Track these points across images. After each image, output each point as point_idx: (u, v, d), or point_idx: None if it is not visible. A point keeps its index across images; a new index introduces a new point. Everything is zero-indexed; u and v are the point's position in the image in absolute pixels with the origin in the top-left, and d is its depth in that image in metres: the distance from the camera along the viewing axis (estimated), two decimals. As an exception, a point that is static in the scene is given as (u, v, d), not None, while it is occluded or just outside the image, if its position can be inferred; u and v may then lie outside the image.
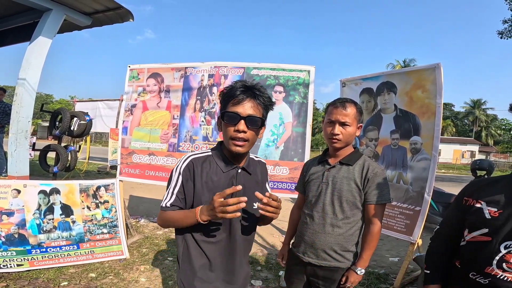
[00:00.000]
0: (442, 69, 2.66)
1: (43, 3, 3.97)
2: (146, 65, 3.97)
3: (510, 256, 1.12)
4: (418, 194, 2.81)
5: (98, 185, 3.65)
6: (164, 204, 1.30)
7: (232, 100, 1.25)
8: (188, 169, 1.29)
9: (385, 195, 1.63)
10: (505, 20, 13.35)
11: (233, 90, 1.25)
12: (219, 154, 1.34)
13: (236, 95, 1.24)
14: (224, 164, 1.32)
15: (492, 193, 1.22)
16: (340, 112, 1.62)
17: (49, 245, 3.20)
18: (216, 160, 1.33)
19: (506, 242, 1.13)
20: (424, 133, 2.80)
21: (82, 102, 12.47)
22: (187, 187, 1.29)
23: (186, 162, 1.31)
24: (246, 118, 1.23)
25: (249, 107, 1.24)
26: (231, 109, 1.24)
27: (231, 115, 1.23)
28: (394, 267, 3.75)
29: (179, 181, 1.29)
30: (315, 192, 1.72)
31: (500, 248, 1.14)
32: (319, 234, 1.67)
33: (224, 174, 1.31)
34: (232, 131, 1.24)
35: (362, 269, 1.63)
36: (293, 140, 3.44)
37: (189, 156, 1.34)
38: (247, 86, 1.27)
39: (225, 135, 1.27)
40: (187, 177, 1.29)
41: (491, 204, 1.20)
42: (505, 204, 1.17)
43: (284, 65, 3.54)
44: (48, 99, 46.10)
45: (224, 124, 1.26)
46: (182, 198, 1.29)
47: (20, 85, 4.04)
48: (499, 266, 1.13)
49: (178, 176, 1.29)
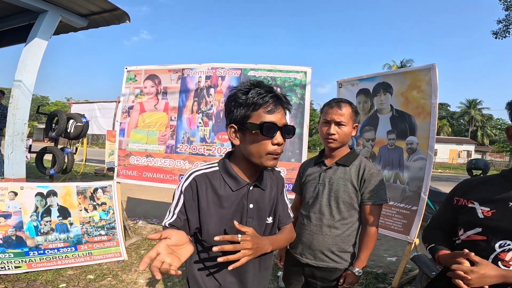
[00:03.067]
0: (437, 69, 2.69)
1: (38, 5, 3.96)
2: (143, 67, 3.97)
3: (505, 255, 1.13)
4: (414, 193, 2.83)
5: (95, 187, 3.65)
6: (164, 222, 1.16)
7: (264, 108, 1.07)
8: (190, 188, 1.13)
9: (381, 195, 1.64)
10: (499, 20, 13.49)
11: (261, 96, 1.07)
12: (227, 169, 1.17)
13: (269, 102, 1.07)
14: (233, 181, 1.16)
15: (484, 193, 1.23)
16: (335, 112, 1.63)
17: (46, 247, 3.20)
18: (224, 177, 1.16)
19: (501, 241, 1.15)
20: (420, 133, 2.83)
21: (78, 104, 12.41)
22: (190, 208, 1.13)
23: (189, 180, 1.15)
24: (282, 128, 1.09)
25: (282, 114, 1.11)
26: (267, 118, 1.06)
27: (270, 126, 1.06)
28: (392, 266, 3.78)
29: (181, 200, 1.14)
30: (312, 193, 1.73)
31: (495, 247, 1.15)
32: (316, 235, 1.68)
33: (234, 193, 1.15)
34: (269, 146, 1.08)
35: (360, 270, 1.64)
36: (290, 141, 3.45)
37: (192, 172, 1.17)
38: (269, 89, 1.11)
39: (259, 148, 1.08)
40: (190, 197, 1.13)
41: (484, 203, 1.21)
42: (498, 204, 1.18)
43: (281, 66, 3.56)
44: (44, 101, 45.84)
45: (259, 136, 1.07)
46: (184, 219, 1.13)
47: (16, 87, 4.03)
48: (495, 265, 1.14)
49: (180, 195, 1.15)
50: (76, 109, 11.27)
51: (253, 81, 1.12)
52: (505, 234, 1.14)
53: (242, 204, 1.16)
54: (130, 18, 4.49)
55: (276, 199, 1.28)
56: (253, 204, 1.18)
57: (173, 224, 1.12)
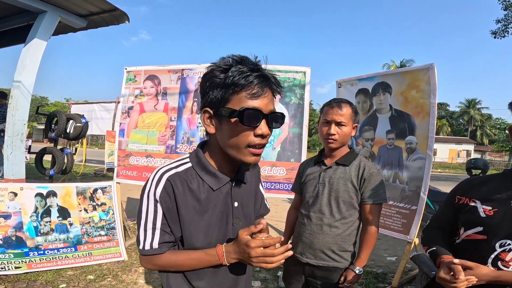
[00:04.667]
0: (436, 69, 2.69)
1: (37, 5, 3.96)
2: (142, 67, 3.97)
3: (506, 255, 1.12)
4: (414, 193, 2.84)
5: (95, 187, 3.65)
6: (148, 245, 0.93)
7: (248, 90, 0.85)
8: (166, 193, 0.91)
9: (381, 194, 1.65)
10: (498, 20, 13.51)
11: (244, 75, 0.85)
12: (204, 164, 0.97)
13: (253, 82, 0.85)
14: (213, 178, 0.96)
15: (486, 192, 1.22)
16: (335, 112, 1.64)
17: (46, 248, 3.20)
18: (200, 174, 0.96)
19: (501, 241, 1.14)
20: (419, 133, 2.84)
21: (78, 105, 12.42)
22: (171, 218, 0.93)
23: (162, 183, 0.92)
24: (268, 116, 0.89)
25: (269, 100, 0.90)
26: (249, 104, 0.85)
27: (253, 113, 0.85)
28: (392, 266, 3.78)
29: (159, 211, 0.92)
30: (312, 193, 1.74)
31: (496, 247, 1.15)
32: (316, 235, 1.68)
33: (215, 193, 0.97)
34: (251, 137, 0.88)
35: (360, 269, 1.64)
36: (290, 141, 3.46)
37: (163, 173, 0.94)
38: (257, 67, 0.88)
39: (238, 141, 0.89)
40: (168, 204, 0.92)
41: (486, 202, 1.20)
42: (500, 203, 1.17)
43: (280, 66, 3.56)
44: (43, 102, 45.80)
45: (240, 126, 0.87)
46: (169, 231, 0.95)
47: (16, 88, 4.03)
48: (494, 264, 1.14)
49: (156, 204, 0.92)
50: (75, 109, 11.27)
51: (236, 56, 0.89)
52: (506, 234, 1.13)
53: (227, 204, 0.99)
54: (129, 19, 4.49)
55: (256, 192, 1.16)
56: (238, 202, 1.02)
57: (163, 242, 0.94)
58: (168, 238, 0.94)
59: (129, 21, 4.51)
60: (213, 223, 0.97)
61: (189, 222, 0.94)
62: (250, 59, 0.90)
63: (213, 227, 0.97)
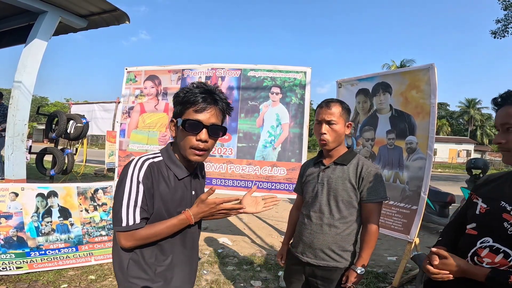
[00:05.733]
0: (436, 69, 2.70)
1: (38, 6, 3.97)
2: (143, 68, 3.98)
3: (481, 251, 1.19)
4: (414, 193, 2.84)
5: (95, 187, 3.65)
6: (131, 221, 1.12)
7: (193, 107, 1.16)
8: (147, 176, 1.14)
9: (381, 193, 1.65)
10: (498, 20, 13.49)
11: (194, 96, 1.15)
12: (172, 158, 1.24)
13: (198, 101, 1.15)
14: (178, 170, 1.23)
15: (488, 190, 1.25)
16: (324, 112, 1.66)
17: (47, 248, 3.20)
18: (170, 166, 1.22)
19: (484, 238, 1.19)
20: (419, 133, 2.84)
21: (78, 105, 12.43)
22: (149, 197, 1.15)
23: (144, 168, 1.15)
24: (209, 127, 1.17)
25: (211, 115, 1.18)
26: (193, 117, 1.15)
27: (194, 123, 1.15)
28: (393, 266, 3.79)
29: (140, 191, 1.13)
30: (311, 192, 1.75)
31: (477, 243, 1.20)
32: (317, 234, 1.69)
33: (179, 182, 1.23)
34: (193, 141, 1.16)
35: (362, 269, 1.64)
36: (290, 141, 3.47)
37: (144, 160, 1.19)
38: (208, 90, 1.19)
39: (184, 143, 1.18)
40: (148, 185, 1.14)
41: (485, 200, 1.24)
42: (493, 201, 1.20)
43: (281, 66, 3.57)
44: (43, 102, 45.76)
45: (184, 132, 1.17)
46: (147, 209, 1.14)
47: (16, 88, 4.04)
48: (472, 259, 1.20)
49: (138, 185, 1.12)
50: (76, 109, 11.28)
51: (197, 83, 1.22)
52: (489, 232, 1.18)
53: (186, 192, 1.25)
54: (129, 19, 4.50)
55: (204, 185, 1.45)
56: (195, 191, 1.29)
57: (143, 217, 1.13)
58: (146, 214, 1.14)
59: (129, 21, 4.52)
60: (177, 203, 1.22)
61: (159, 201, 1.17)
62: (207, 85, 1.22)
63: (176, 206, 1.21)
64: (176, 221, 1.17)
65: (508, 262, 1.13)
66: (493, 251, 1.17)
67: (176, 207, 1.21)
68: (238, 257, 3.86)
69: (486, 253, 1.18)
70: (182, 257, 1.27)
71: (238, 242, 4.47)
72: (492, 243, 1.18)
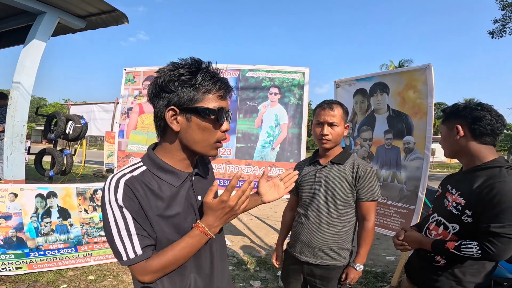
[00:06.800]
0: (432, 69, 2.72)
1: (36, 6, 3.96)
2: (141, 68, 3.99)
3: (431, 225, 1.53)
4: (412, 193, 2.86)
5: (95, 188, 3.66)
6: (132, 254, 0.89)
7: (218, 91, 0.94)
8: (128, 197, 0.88)
9: (376, 191, 1.69)
10: (496, 20, 13.57)
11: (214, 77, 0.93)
12: (159, 164, 0.97)
13: (222, 87, 0.95)
14: (171, 176, 0.97)
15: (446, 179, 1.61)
16: (327, 113, 1.69)
17: (47, 248, 3.21)
18: (158, 175, 0.95)
19: (433, 215, 1.55)
20: (416, 133, 2.86)
21: (77, 106, 12.42)
22: (142, 221, 0.90)
23: (121, 189, 0.89)
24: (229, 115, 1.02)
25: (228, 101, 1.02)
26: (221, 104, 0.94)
27: (225, 112, 0.96)
28: (391, 265, 3.81)
29: (128, 216, 0.88)
30: (309, 192, 1.77)
31: (430, 219, 1.56)
32: (315, 233, 1.71)
33: (177, 189, 0.97)
34: (219, 133, 0.96)
35: (361, 265, 1.69)
36: (289, 141, 3.49)
37: (118, 178, 0.91)
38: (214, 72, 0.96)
39: (206, 137, 0.95)
40: (134, 208, 0.89)
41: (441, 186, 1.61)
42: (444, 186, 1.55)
43: (279, 67, 3.59)
44: (41, 102, 45.69)
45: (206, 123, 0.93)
46: (146, 234, 0.91)
47: (15, 89, 4.04)
48: (425, 232, 1.55)
49: (122, 210, 0.88)
50: (74, 110, 11.28)
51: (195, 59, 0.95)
52: (437, 209, 1.54)
53: (191, 198, 1.00)
54: (128, 20, 4.50)
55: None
56: (201, 196, 1.03)
57: (147, 245, 0.91)
58: (148, 241, 0.91)
59: (128, 22, 4.52)
60: (182, 218, 0.97)
61: (158, 222, 0.92)
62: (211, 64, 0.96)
63: (182, 221, 0.96)
64: (190, 239, 0.93)
65: (448, 234, 1.44)
66: (437, 224, 1.50)
67: (182, 221, 0.96)
68: (237, 257, 3.87)
69: (433, 226, 1.52)
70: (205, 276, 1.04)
71: (237, 242, 4.48)
72: (437, 217, 1.52)
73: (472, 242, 1.31)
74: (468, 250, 1.31)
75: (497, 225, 1.26)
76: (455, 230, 1.41)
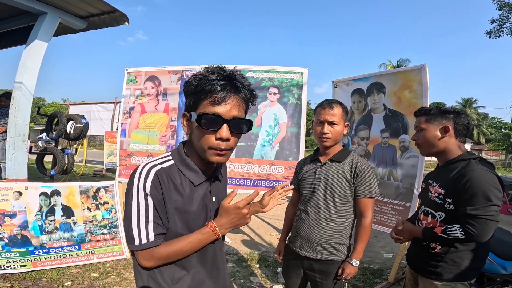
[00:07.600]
0: (427, 70, 2.78)
1: (38, 7, 4.00)
2: (143, 68, 4.04)
3: (421, 215, 1.73)
4: (407, 190, 2.92)
5: (98, 186, 3.72)
6: (144, 239, 0.95)
7: (210, 98, 0.93)
8: (155, 187, 0.95)
9: (373, 188, 1.75)
10: (493, 20, 13.64)
11: (210, 83, 0.93)
12: (185, 161, 1.03)
13: (216, 90, 0.93)
14: (194, 175, 1.02)
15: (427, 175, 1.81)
16: (328, 112, 1.75)
17: (51, 246, 3.27)
18: (183, 171, 1.01)
19: (421, 206, 1.75)
20: (412, 132, 2.91)
21: (76, 105, 12.43)
22: (161, 210, 0.97)
23: (151, 177, 0.96)
24: (230, 121, 0.95)
25: (232, 106, 0.95)
26: (210, 110, 0.93)
27: (212, 118, 0.93)
28: (388, 262, 3.88)
29: (150, 204, 0.95)
30: (309, 188, 1.84)
31: (419, 210, 1.77)
32: (314, 228, 1.78)
33: (196, 188, 1.03)
34: (212, 140, 0.95)
35: (357, 261, 1.74)
36: (288, 140, 3.55)
37: (150, 167, 0.99)
38: (227, 76, 0.95)
39: (202, 143, 0.97)
40: (158, 197, 0.96)
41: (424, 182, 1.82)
42: (427, 181, 1.74)
43: (278, 67, 3.65)
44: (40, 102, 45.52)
45: (201, 129, 0.95)
46: (161, 223, 0.98)
47: (17, 89, 4.08)
48: (417, 223, 1.76)
49: (146, 198, 0.95)
50: (74, 110, 11.29)
51: (212, 67, 0.98)
52: (424, 201, 1.74)
53: (206, 199, 1.06)
54: (129, 20, 4.55)
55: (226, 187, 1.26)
56: (215, 197, 1.09)
57: (159, 233, 0.97)
58: (161, 229, 0.98)
59: (128, 22, 4.56)
60: (195, 215, 1.03)
61: (173, 214, 0.98)
62: (225, 69, 0.97)
63: (195, 218, 1.03)
64: (199, 235, 1.00)
65: (436, 221, 1.62)
66: (425, 214, 1.69)
67: (195, 219, 1.03)
68: (237, 254, 3.94)
69: (423, 216, 1.71)
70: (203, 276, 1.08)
71: (238, 240, 4.54)
72: (424, 208, 1.71)
73: (455, 225, 1.49)
74: (453, 232, 1.48)
75: (472, 207, 1.43)
76: (441, 217, 1.60)
